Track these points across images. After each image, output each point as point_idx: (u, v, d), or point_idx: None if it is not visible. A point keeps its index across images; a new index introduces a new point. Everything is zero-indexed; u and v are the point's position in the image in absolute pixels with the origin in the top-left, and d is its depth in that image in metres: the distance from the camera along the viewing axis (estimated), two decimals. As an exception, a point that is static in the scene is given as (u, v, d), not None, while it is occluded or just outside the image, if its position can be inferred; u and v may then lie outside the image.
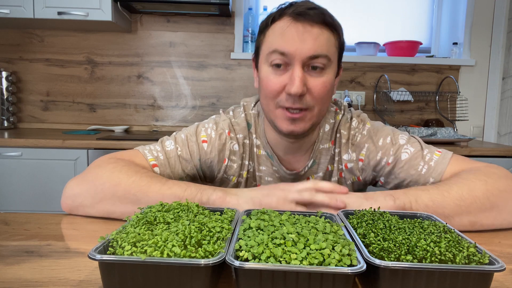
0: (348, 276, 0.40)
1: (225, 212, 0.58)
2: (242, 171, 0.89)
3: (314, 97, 0.74)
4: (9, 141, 1.74)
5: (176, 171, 0.84)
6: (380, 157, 0.84)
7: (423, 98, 2.43)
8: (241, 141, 0.88)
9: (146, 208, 0.57)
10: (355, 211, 0.60)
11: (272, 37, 0.75)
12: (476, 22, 2.38)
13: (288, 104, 0.74)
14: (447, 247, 0.44)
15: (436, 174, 0.78)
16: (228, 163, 0.87)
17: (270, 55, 0.74)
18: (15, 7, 1.95)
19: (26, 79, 2.34)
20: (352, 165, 0.87)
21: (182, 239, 0.44)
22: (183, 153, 0.85)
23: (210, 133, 0.87)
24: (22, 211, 1.38)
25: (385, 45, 2.41)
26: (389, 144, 0.84)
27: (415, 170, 0.80)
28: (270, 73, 0.75)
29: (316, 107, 0.76)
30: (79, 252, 0.54)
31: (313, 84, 0.73)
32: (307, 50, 0.71)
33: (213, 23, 2.35)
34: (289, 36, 0.72)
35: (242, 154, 0.88)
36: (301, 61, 0.72)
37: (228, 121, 0.89)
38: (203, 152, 0.86)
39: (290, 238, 0.44)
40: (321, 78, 0.74)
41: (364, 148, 0.86)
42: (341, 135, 0.88)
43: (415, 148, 0.83)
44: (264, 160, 0.89)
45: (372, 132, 0.87)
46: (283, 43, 0.72)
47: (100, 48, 2.34)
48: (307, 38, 0.71)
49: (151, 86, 2.39)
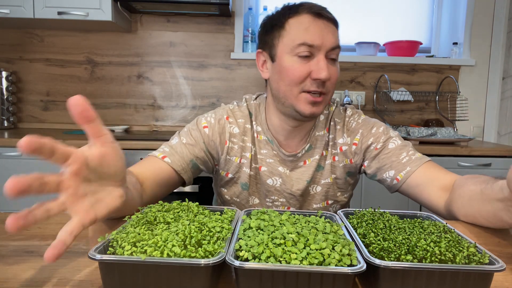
0: (348, 276, 0.40)
1: (225, 212, 0.58)
2: (244, 153, 0.95)
3: (332, 82, 0.86)
4: (9, 141, 1.75)
5: (185, 155, 0.90)
6: (371, 142, 0.93)
7: (423, 98, 2.43)
8: (242, 125, 0.96)
9: (146, 208, 0.57)
10: (355, 211, 0.60)
11: (297, 31, 0.84)
12: (476, 22, 2.38)
13: (313, 88, 0.84)
14: (447, 247, 0.45)
15: (412, 166, 0.86)
16: (229, 144, 0.95)
17: (297, 47, 0.83)
18: (15, 7, 1.95)
19: (26, 79, 2.34)
20: (346, 148, 0.96)
21: (182, 239, 0.44)
22: (187, 140, 0.92)
23: (209, 120, 0.96)
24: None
25: (385, 45, 2.41)
26: (381, 133, 0.94)
27: (396, 158, 0.89)
28: (295, 62, 0.84)
29: (330, 92, 0.87)
30: (79, 252, 0.54)
31: (332, 71, 0.85)
32: (330, 42, 0.83)
33: (213, 23, 2.35)
34: (315, 31, 0.83)
35: (243, 137, 0.95)
36: (325, 52, 0.83)
37: (227, 109, 0.98)
38: (205, 136, 0.94)
39: (290, 238, 0.44)
40: (336, 66, 0.88)
41: (358, 133, 0.95)
42: (335, 123, 0.98)
43: (402, 142, 0.93)
44: (265, 144, 0.96)
45: (366, 121, 0.97)
46: (310, 37, 0.82)
47: (100, 48, 2.34)
48: (328, 33, 0.84)
49: (151, 86, 2.39)
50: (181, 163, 0.89)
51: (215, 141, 0.94)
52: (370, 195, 1.86)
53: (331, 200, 0.99)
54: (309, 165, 0.95)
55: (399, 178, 0.87)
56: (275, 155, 0.95)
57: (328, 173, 0.96)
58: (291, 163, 0.95)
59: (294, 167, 0.95)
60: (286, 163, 0.95)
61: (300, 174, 0.95)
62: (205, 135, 0.93)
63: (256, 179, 0.97)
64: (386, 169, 0.90)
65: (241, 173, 0.96)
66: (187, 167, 0.90)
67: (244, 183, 0.96)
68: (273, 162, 0.95)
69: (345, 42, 2.49)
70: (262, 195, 0.98)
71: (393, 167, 0.89)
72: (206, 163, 0.95)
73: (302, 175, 0.95)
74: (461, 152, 1.81)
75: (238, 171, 0.96)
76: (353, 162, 0.96)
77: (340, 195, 0.99)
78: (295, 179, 0.95)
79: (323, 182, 0.97)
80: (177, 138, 0.93)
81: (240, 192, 0.97)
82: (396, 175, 0.88)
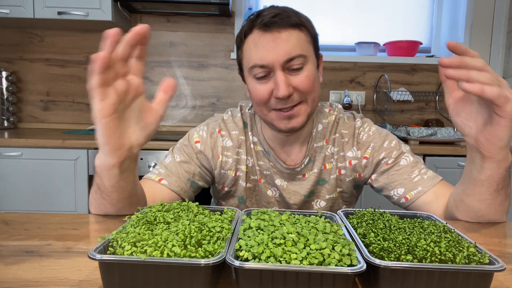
0: (348, 276, 0.40)
1: (225, 212, 0.58)
2: (240, 166, 0.92)
3: (302, 92, 0.79)
4: (9, 141, 1.74)
5: (181, 175, 0.87)
6: (383, 156, 0.89)
7: (423, 98, 2.43)
8: (236, 137, 0.92)
9: (146, 208, 0.57)
10: (355, 211, 0.60)
11: (248, 53, 0.80)
12: (476, 22, 2.38)
13: (280, 106, 0.79)
14: (447, 247, 0.45)
15: (424, 186, 0.83)
16: (222, 158, 0.92)
17: (252, 70, 0.80)
18: (15, 7, 1.95)
19: (26, 79, 2.34)
20: (356, 162, 0.91)
21: (182, 239, 0.44)
22: (181, 158, 0.90)
23: (201, 134, 0.93)
24: (22, 211, 1.38)
25: (385, 45, 2.41)
26: (393, 148, 0.89)
27: (408, 175, 0.85)
28: (256, 84, 0.81)
29: (308, 98, 0.80)
30: (79, 252, 0.54)
31: (297, 82, 0.78)
32: (282, 55, 0.76)
33: (213, 23, 2.35)
34: (263, 47, 0.77)
35: (238, 149, 0.92)
36: (280, 66, 0.77)
37: (220, 121, 0.95)
38: (198, 151, 0.91)
39: (290, 238, 0.44)
40: (302, 74, 0.78)
41: (370, 147, 0.90)
42: (341, 135, 0.92)
43: (414, 158, 0.88)
44: (262, 155, 0.93)
45: (378, 133, 0.92)
46: (259, 56, 0.77)
47: (100, 48, 2.34)
48: (278, 44, 0.76)
49: (151, 86, 2.39)
50: (179, 184, 0.86)
51: (207, 156, 0.91)
52: (370, 195, 1.86)
53: None
54: (308, 179, 0.91)
55: (408, 197, 0.84)
56: (272, 166, 0.92)
57: (333, 187, 0.92)
58: (288, 175, 0.91)
59: (291, 179, 0.92)
60: (283, 175, 0.92)
61: (298, 187, 0.92)
62: (197, 150, 0.91)
63: (255, 191, 0.94)
64: (395, 186, 0.86)
65: (238, 186, 0.93)
66: (185, 187, 0.87)
67: (241, 197, 0.94)
68: (270, 174, 0.92)
69: (345, 42, 2.49)
70: (262, 206, 0.95)
71: (403, 185, 0.85)
72: (204, 177, 0.92)
73: (299, 189, 0.91)
74: (461, 152, 1.81)
75: (234, 184, 0.93)
76: (362, 176, 0.92)
77: (345, 208, 0.97)
78: (292, 191, 0.92)
79: (327, 197, 0.93)
80: (170, 157, 0.90)
81: (238, 205, 0.96)
82: (405, 194, 0.84)
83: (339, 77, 2.41)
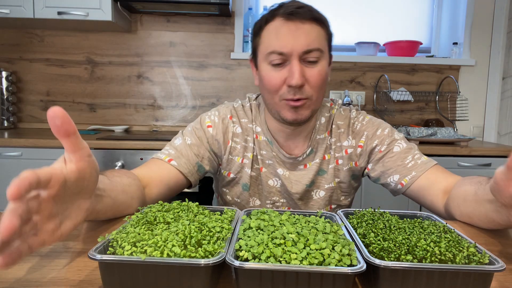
0: (348, 276, 0.40)
1: (225, 212, 0.58)
2: (246, 153, 0.95)
3: (312, 86, 0.81)
4: (9, 141, 1.74)
5: (191, 158, 0.89)
6: (376, 144, 0.91)
7: (423, 98, 2.43)
8: (245, 125, 0.95)
9: (146, 208, 0.57)
10: (355, 211, 0.60)
11: (268, 39, 0.82)
12: (476, 22, 2.38)
13: (290, 95, 0.81)
14: (447, 247, 0.45)
15: (418, 171, 0.85)
16: (231, 144, 0.94)
17: (269, 56, 0.81)
18: (15, 7, 1.95)
19: (26, 79, 2.34)
20: (352, 150, 0.94)
21: (182, 239, 0.44)
22: (192, 140, 0.91)
23: (213, 119, 0.95)
24: (22, 211, 1.37)
25: (385, 45, 2.41)
26: (386, 135, 0.92)
27: (402, 161, 0.88)
28: (270, 71, 0.82)
29: (314, 95, 0.83)
30: (79, 252, 0.54)
31: (310, 74, 0.80)
32: (302, 46, 0.78)
33: (213, 23, 2.35)
34: (284, 35, 0.79)
35: (246, 137, 0.95)
36: (298, 56, 0.79)
37: (231, 107, 0.97)
38: (209, 135, 0.93)
39: (290, 238, 0.44)
40: (316, 68, 0.81)
41: (364, 135, 0.94)
42: (337, 126, 0.96)
43: (408, 145, 0.91)
44: (264, 145, 0.95)
45: (371, 123, 0.95)
46: (279, 43, 0.79)
47: (100, 48, 2.34)
48: (300, 34, 0.78)
49: (151, 86, 2.39)
50: (188, 166, 0.88)
51: (218, 140, 0.93)
52: (370, 195, 1.86)
53: (334, 204, 0.98)
54: (310, 169, 0.94)
55: (403, 183, 0.86)
56: (274, 156, 0.94)
57: (331, 177, 0.95)
58: (290, 165, 0.94)
59: (293, 169, 0.94)
60: (285, 165, 0.94)
61: (300, 177, 0.94)
62: (209, 134, 0.93)
63: (258, 180, 0.96)
64: (390, 173, 0.88)
65: (243, 173, 0.95)
66: (193, 170, 0.89)
67: (245, 184, 0.96)
68: (272, 164, 0.94)
69: (345, 42, 2.49)
70: (263, 196, 0.97)
71: (398, 172, 0.87)
72: (212, 162, 0.94)
73: (301, 178, 0.94)
74: (461, 152, 1.81)
75: (240, 171, 0.95)
76: (358, 165, 0.95)
77: (344, 199, 0.98)
78: (294, 181, 0.94)
79: (326, 187, 0.95)
80: (180, 139, 0.92)
81: (241, 192, 0.97)
82: (401, 180, 0.86)
83: (339, 77, 2.41)
